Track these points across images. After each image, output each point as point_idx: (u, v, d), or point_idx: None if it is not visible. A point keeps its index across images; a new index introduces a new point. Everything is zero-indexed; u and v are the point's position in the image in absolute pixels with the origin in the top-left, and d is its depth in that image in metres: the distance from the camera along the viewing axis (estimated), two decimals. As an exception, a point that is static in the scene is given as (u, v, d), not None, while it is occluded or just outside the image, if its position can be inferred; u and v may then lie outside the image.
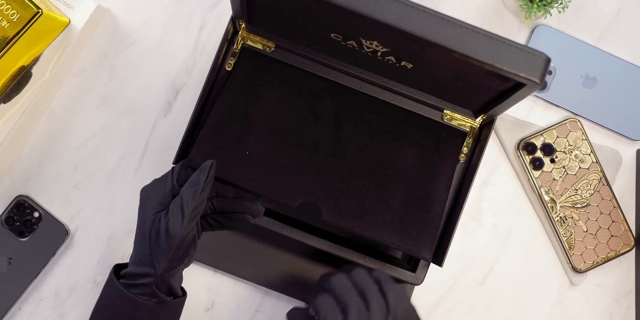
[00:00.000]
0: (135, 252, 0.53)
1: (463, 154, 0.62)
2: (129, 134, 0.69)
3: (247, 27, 0.59)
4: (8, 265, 0.67)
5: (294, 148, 0.58)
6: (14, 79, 0.64)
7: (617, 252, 0.70)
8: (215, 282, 0.69)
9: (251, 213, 0.55)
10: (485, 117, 0.59)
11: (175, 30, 0.70)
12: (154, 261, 0.51)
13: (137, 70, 0.70)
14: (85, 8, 0.65)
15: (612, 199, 0.71)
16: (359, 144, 0.59)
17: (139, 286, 0.51)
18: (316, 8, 0.43)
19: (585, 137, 0.71)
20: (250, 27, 0.58)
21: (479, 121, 0.61)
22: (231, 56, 0.60)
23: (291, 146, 0.58)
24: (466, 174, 0.61)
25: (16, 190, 0.69)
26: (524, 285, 0.70)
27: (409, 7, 0.41)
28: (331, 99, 0.60)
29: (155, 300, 0.52)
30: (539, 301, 0.71)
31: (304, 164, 0.57)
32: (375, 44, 0.46)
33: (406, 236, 0.57)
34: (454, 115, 0.61)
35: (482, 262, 0.70)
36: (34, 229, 0.67)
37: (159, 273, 0.51)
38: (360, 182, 0.58)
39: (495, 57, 0.41)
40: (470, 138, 0.62)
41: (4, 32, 0.60)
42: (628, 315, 0.71)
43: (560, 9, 0.68)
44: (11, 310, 0.67)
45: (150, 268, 0.51)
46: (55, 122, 0.69)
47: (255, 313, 0.69)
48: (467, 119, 0.61)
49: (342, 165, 0.58)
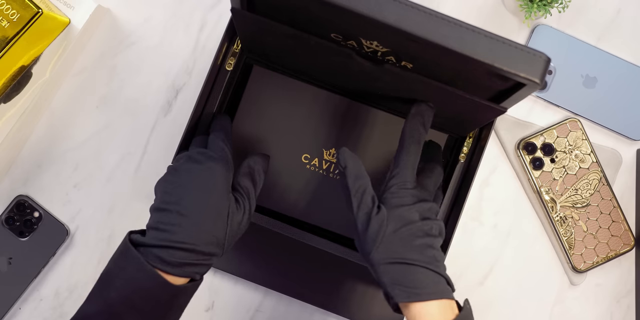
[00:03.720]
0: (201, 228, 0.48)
1: (463, 154, 0.62)
2: (129, 134, 0.69)
3: (247, 27, 0.59)
4: (8, 265, 0.67)
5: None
6: (14, 79, 0.64)
7: (617, 252, 0.70)
8: (215, 282, 0.69)
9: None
10: (485, 117, 0.59)
11: (175, 30, 0.70)
12: (227, 244, 0.49)
13: (137, 70, 0.70)
14: (85, 8, 0.65)
15: (612, 199, 0.71)
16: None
17: (201, 265, 0.48)
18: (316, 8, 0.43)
19: (585, 137, 0.71)
20: (251, 27, 0.58)
21: (479, 121, 0.61)
22: (231, 56, 0.60)
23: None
24: (466, 174, 0.61)
25: (16, 190, 0.69)
26: (524, 285, 0.70)
27: (409, 7, 0.41)
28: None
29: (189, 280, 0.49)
30: (539, 301, 0.71)
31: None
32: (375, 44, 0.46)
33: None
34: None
35: (482, 262, 0.70)
36: (34, 229, 0.67)
37: (222, 255, 0.49)
38: None
39: (495, 57, 0.41)
40: (470, 138, 0.62)
41: (4, 32, 0.60)
42: (628, 315, 0.71)
43: (560, 9, 0.68)
44: (11, 310, 0.67)
45: (221, 249, 0.49)
46: (55, 122, 0.69)
47: (255, 313, 0.69)
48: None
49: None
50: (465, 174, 0.62)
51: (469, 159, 0.62)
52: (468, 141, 0.62)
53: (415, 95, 0.53)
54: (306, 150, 0.61)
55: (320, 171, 0.61)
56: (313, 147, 0.61)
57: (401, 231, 0.47)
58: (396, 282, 0.46)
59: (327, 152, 0.61)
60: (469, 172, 0.61)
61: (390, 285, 0.47)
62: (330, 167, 0.61)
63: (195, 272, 0.48)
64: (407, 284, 0.46)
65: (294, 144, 0.61)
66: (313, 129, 0.61)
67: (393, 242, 0.47)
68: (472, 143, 0.62)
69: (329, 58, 0.52)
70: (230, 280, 0.69)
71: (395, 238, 0.47)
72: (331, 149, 0.61)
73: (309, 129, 0.61)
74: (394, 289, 0.46)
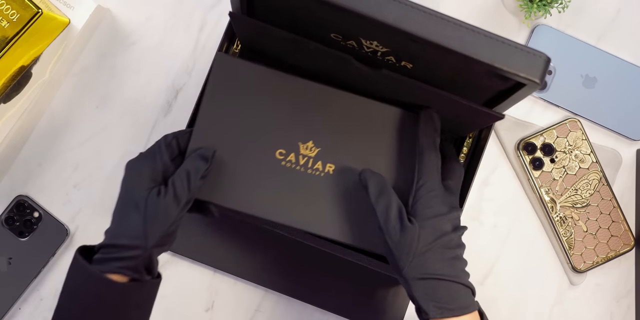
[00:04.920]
0: (119, 225, 0.50)
1: (463, 154, 0.62)
2: (129, 134, 0.69)
3: (247, 27, 0.58)
4: (8, 265, 0.67)
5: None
6: (14, 79, 0.64)
7: (617, 252, 0.70)
8: (215, 282, 0.69)
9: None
10: (485, 117, 0.59)
11: (175, 30, 0.70)
12: (147, 234, 0.48)
13: (137, 70, 0.70)
14: (85, 8, 0.65)
15: (612, 199, 0.71)
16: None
17: (124, 259, 0.48)
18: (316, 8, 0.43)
19: (585, 137, 0.71)
20: (251, 27, 0.58)
21: (479, 121, 0.61)
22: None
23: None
24: (466, 174, 0.61)
25: (16, 190, 0.69)
26: (524, 285, 0.70)
27: (409, 7, 0.41)
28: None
29: (135, 277, 0.49)
30: (539, 301, 0.70)
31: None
32: (375, 44, 0.46)
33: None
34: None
35: (482, 262, 0.70)
36: (34, 229, 0.67)
37: (149, 246, 0.48)
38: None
39: (495, 57, 0.41)
40: (470, 138, 0.62)
41: (4, 32, 0.60)
42: (628, 315, 0.71)
43: (560, 9, 0.68)
44: (11, 310, 0.67)
45: (142, 240, 0.48)
46: (55, 122, 0.69)
47: (255, 313, 0.69)
48: (467, 119, 0.61)
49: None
50: (465, 174, 0.62)
51: (469, 159, 0.62)
52: (468, 141, 0.62)
53: (414, 99, 0.53)
54: (280, 145, 0.55)
55: (297, 167, 0.55)
56: (288, 141, 0.55)
57: (434, 244, 0.48)
58: (429, 297, 0.48)
59: (303, 146, 0.55)
60: (469, 172, 0.61)
61: (423, 301, 0.48)
62: (308, 163, 0.55)
63: (121, 266, 0.48)
64: (439, 299, 0.48)
65: (266, 139, 0.54)
66: (286, 120, 0.55)
67: (426, 256, 0.48)
68: (472, 143, 0.62)
69: (327, 62, 0.52)
70: (230, 280, 0.69)
71: (428, 252, 0.48)
72: (308, 143, 0.55)
73: (282, 121, 0.55)
74: (428, 306, 0.48)
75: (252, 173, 0.55)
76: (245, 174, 0.55)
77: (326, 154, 0.55)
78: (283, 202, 0.54)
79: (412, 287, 0.48)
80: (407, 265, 0.48)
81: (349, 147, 0.55)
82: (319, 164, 0.55)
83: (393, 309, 0.68)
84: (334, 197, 0.54)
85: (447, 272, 0.48)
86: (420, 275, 0.48)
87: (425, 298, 0.48)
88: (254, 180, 0.54)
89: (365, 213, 0.53)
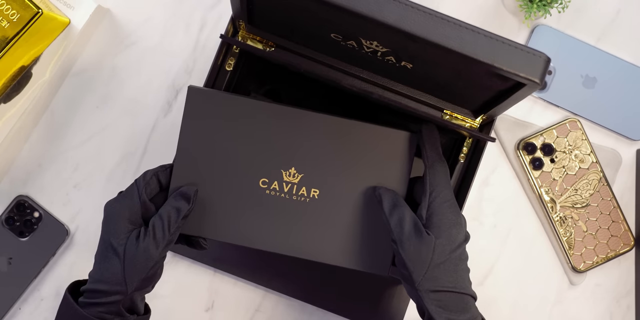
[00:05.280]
0: (100, 269, 0.50)
1: (463, 154, 0.62)
2: (129, 134, 0.69)
3: (247, 27, 0.59)
4: (8, 265, 0.67)
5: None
6: (14, 79, 0.64)
7: (617, 252, 0.70)
8: (215, 282, 0.69)
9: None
10: (485, 117, 0.59)
11: (175, 30, 0.70)
12: (126, 279, 0.49)
13: (137, 70, 0.70)
14: (85, 8, 0.65)
15: (612, 199, 0.71)
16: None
17: (104, 304, 0.49)
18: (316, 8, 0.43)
19: (585, 137, 0.71)
20: (250, 28, 0.58)
21: (479, 121, 0.61)
22: (231, 56, 0.60)
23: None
24: (466, 174, 0.61)
25: (16, 190, 0.69)
26: (524, 285, 0.70)
27: (408, 7, 0.41)
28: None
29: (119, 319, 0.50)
30: (539, 301, 0.71)
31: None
32: (375, 44, 0.46)
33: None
34: (454, 115, 0.61)
35: (482, 262, 0.70)
36: (34, 229, 0.67)
37: (129, 292, 0.49)
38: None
39: (495, 57, 0.41)
40: (470, 138, 0.62)
41: (4, 32, 0.60)
42: (628, 315, 0.71)
43: (560, 9, 0.68)
44: (11, 310, 0.67)
45: (121, 286, 0.49)
46: (55, 122, 0.69)
47: (255, 313, 0.69)
48: (466, 119, 0.61)
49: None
50: (465, 174, 0.62)
51: (469, 159, 0.62)
52: (468, 141, 0.62)
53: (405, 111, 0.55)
54: (263, 174, 0.54)
55: (282, 195, 0.55)
56: (270, 170, 0.54)
57: (450, 256, 0.49)
58: (443, 309, 0.49)
59: (286, 172, 0.55)
60: (468, 172, 0.61)
61: (436, 313, 0.48)
62: (292, 189, 0.54)
63: (101, 311, 0.49)
64: (450, 310, 0.49)
65: (247, 169, 0.54)
66: (266, 148, 0.54)
67: (440, 268, 0.49)
68: (472, 143, 0.62)
69: (319, 83, 0.54)
70: (230, 280, 0.69)
71: (443, 264, 0.49)
72: (291, 169, 0.55)
73: (262, 150, 0.54)
74: (440, 317, 0.48)
75: (237, 204, 0.54)
76: (231, 205, 0.54)
77: (310, 179, 0.55)
78: (272, 230, 0.55)
79: (424, 299, 0.48)
80: (422, 278, 0.48)
81: (332, 170, 0.55)
82: (303, 189, 0.55)
83: (393, 309, 0.68)
84: (322, 222, 0.54)
85: (460, 284, 0.49)
86: (433, 288, 0.48)
87: (439, 311, 0.48)
88: (240, 211, 0.54)
89: (356, 234, 0.54)
